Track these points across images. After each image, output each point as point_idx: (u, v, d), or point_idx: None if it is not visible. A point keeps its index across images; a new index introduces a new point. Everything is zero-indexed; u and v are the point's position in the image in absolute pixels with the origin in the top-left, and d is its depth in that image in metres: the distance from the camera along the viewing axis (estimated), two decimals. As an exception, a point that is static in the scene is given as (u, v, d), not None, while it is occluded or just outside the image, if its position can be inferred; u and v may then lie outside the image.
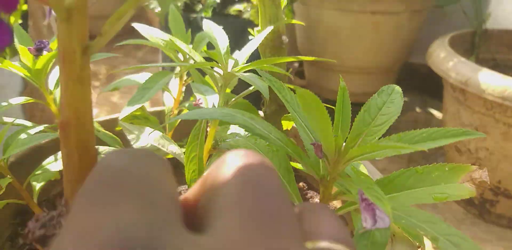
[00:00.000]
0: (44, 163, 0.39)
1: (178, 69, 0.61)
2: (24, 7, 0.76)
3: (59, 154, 0.39)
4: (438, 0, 1.22)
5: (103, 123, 0.60)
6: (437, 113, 1.53)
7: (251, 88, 0.43)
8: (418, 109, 1.56)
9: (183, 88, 0.58)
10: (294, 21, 0.49)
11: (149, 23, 2.21)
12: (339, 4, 1.11)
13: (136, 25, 0.59)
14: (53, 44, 0.46)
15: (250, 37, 0.48)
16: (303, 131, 0.30)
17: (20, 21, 0.78)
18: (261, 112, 0.60)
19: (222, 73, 0.41)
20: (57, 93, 0.49)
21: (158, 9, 0.85)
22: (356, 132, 0.30)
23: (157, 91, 0.49)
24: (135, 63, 1.87)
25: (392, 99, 0.33)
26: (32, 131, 0.41)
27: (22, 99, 0.45)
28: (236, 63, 0.42)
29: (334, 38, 1.17)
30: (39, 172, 0.38)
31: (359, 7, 1.11)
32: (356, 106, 0.39)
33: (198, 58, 0.45)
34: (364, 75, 1.24)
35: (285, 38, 0.47)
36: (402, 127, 1.45)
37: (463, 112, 0.91)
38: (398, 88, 0.34)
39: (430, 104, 1.58)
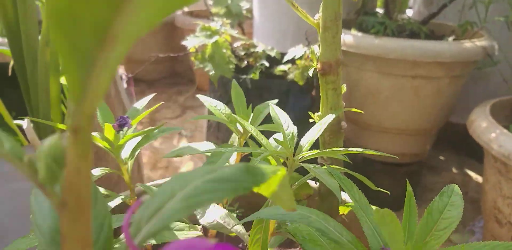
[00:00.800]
0: (121, 236, 0.42)
1: (236, 139, 0.65)
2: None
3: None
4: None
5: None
6: (474, 175, 1.51)
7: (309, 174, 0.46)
8: (454, 170, 1.55)
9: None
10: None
11: (191, 69, 2.32)
12: (380, 68, 1.16)
13: (200, 97, 0.64)
14: (134, 121, 0.51)
15: (310, 120, 0.52)
16: (372, 235, 0.33)
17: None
18: (313, 183, 0.63)
19: (287, 159, 0.44)
20: (130, 164, 0.53)
21: (212, 72, 0.91)
22: (421, 237, 0.33)
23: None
24: (176, 107, 1.95)
25: (452, 202, 0.35)
26: (112, 203, 0.44)
27: (99, 171, 0.49)
28: (299, 149, 0.45)
29: (373, 99, 1.20)
30: (117, 245, 0.41)
31: (400, 71, 1.15)
32: (394, 167, 0.42)
33: (259, 136, 0.49)
34: (403, 136, 1.26)
35: (344, 123, 0.50)
36: (439, 188, 1.44)
37: (504, 184, 0.91)
38: (457, 189, 0.36)
39: (467, 165, 1.57)
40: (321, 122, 0.47)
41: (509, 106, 1.17)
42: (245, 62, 1.11)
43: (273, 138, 0.44)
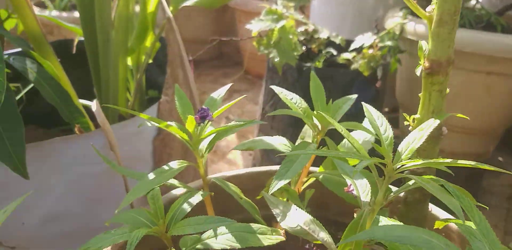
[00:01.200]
0: (203, 236, 0.40)
1: (309, 132, 0.61)
2: (155, 50, 0.80)
3: (218, 229, 0.40)
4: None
5: (230, 180, 0.61)
6: (536, 179, 1.42)
7: (410, 183, 0.42)
8: (514, 172, 1.46)
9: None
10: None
11: (239, 50, 2.28)
12: (451, 61, 1.08)
13: (275, 88, 0.60)
14: (216, 113, 0.48)
15: (405, 123, 0.47)
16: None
17: (150, 61, 0.83)
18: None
19: (386, 167, 0.40)
20: (205, 157, 0.50)
21: (277, 59, 0.87)
22: None
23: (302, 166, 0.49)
24: (223, 90, 1.93)
25: None
26: (193, 200, 0.42)
27: (176, 164, 0.47)
28: (398, 157, 0.41)
29: (440, 95, 1.13)
30: (199, 246, 0.39)
31: (473, 66, 1.07)
32: (455, 168, 0.38)
33: (350, 138, 0.45)
34: (466, 135, 1.18)
35: (445, 129, 0.45)
36: (498, 191, 1.36)
37: None
38: None
39: (527, 168, 1.48)
40: (423, 128, 0.42)
41: None
42: (305, 48, 1.06)
43: (373, 144, 0.40)
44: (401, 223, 0.42)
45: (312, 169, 0.62)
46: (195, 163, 0.49)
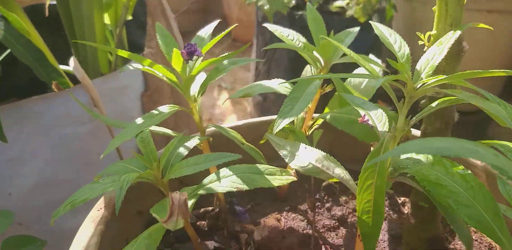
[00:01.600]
0: (205, 181, 0.35)
1: (311, 70, 0.55)
2: (132, 2, 0.74)
3: (221, 171, 0.35)
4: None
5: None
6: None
7: (434, 104, 0.37)
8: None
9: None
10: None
11: (225, 19, 2.19)
12: (450, 2, 1.02)
13: (267, 25, 0.55)
14: (205, 48, 0.42)
15: (419, 42, 0.42)
16: None
17: (130, 18, 0.76)
18: (416, 131, 0.54)
19: (405, 87, 0.35)
20: (199, 102, 0.45)
21: (266, 6, 0.81)
22: None
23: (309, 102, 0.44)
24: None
25: None
26: (189, 144, 0.37)
27: (167, 108, 0.42)
28: (417, 75, 0.36)
29: (441, 39, 1.07)
30: (201, 192, 0.34)
31: (474, 5, 1.01)
32: (461, 115, 0.34)
33: (360, 60, 0.40)
34: (473, 81, 1.13)
35: (465, 44, 0.40)
36: (502, 139, 1.32)
37: None
38: None
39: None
40: (442, 41, 0.37)
41: None
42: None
43: (387, 59, 0.35)
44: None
45: (315, 115, 0.57)
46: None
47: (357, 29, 0.55)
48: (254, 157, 0.43)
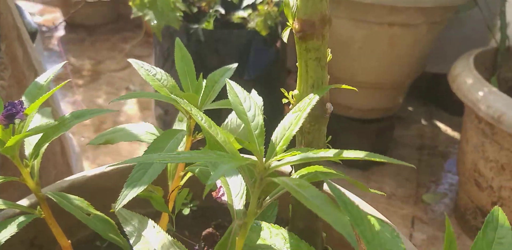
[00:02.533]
0: None
1: (184, 120, 0.50)
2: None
3: None
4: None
5: (91, 181, 0.49)
6: (443, 127, 1.45)
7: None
8: (423, 122, 1.48)
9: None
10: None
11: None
12: (353, 14, 1.01)
13: (132, 62, 0.48)
14: (29, 109, 0.35)
15: (283, 100, 0.38)
16: None
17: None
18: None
19: (256, 166, 0.31)
20: (35, 165, 0.38)
21: (154, 22, 0.74)
22: None
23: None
24: (121, 57, 1.74)
25: (499, 238, 0.24)
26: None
27: (-14, 182, 0.34)
28: (272, 149, 0.32)
29: (345, 51, 1.07)
30: None
31: (375, 18, 1.00)
32: (363, 123, 0.31)
33: (212, 130, 0.35)
34: (375, 90, 1.15)
35: (329, 105, 0.37)
36: (408, 142, 1.37)
37: (488, 147, 0.83)
38: (506, 223, 0.25)
39: (436, 116, 1.50)
40: (300, 108, 0.33)
41: (489, 58, 1.06)
42: (196, 8, 0.92)
43: (236, 138, 0.31)
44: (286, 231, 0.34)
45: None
46: (19, 175, 0.37)
47: (235, 65, 0.50)
48: (100, 232, 0.37)
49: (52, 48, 1.84)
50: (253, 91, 0.53)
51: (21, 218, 0.35)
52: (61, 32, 2.02)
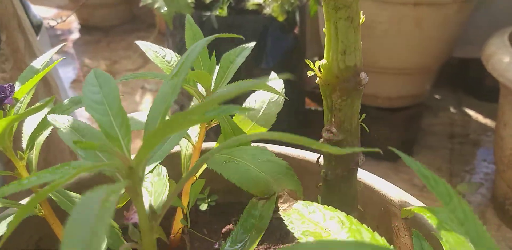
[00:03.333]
0: None
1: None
2: None
3: None
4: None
5: (100, 176, 0.45)
6: (474, 114, 1.37)
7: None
8: (452, 110, 1.40)
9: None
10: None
11: (151, 11, 2.04)
12: (375, -6, 0.95)
13: (140, 43, 0.44)
14: (19, 92, 0.31)
15: (308, 73, 0.33)
16: None
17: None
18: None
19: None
20: (33, 158, 0.34)
21: (164, 9, 0.69)
22: None
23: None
24: (136, 58, 1.71)
25: None
26: None
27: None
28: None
29: (368, 34, 1.00)
30: None
31: (399, -2, 0.94)
32: (391, 112, 0.25)
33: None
34: (400, 76, 1.08)
35: (364, 76, 0.31)
36: (438, 130, 1.30)
37: (532, 129, 0.76)
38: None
39: (465, 103, 1.42)
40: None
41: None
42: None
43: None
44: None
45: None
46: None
47: (252, 44, 0.45)
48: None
49: (67, 51, 1.83)
50: (273, 74, 0.48)
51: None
52: (75, 34, 2.01)
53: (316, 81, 0.33)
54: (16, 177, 0.33)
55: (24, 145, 0.34)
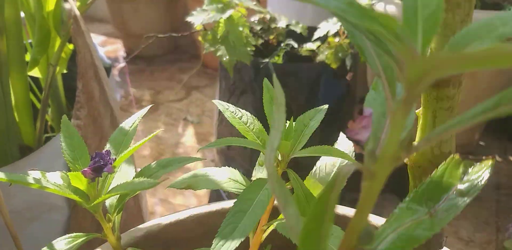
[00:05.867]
0: None
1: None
2: (65, 55, 0.63)
3: None
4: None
5: (166, 230, 0.46)
6: (521, 164, 1.33)
7: None
8: (498, 158, 1.36)
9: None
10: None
11: (195, 42, 2.10)
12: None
13: (217, 103, 0.45)
14: (118, 161, 0.32)
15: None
16: None
17: (64, 71, 0.66)
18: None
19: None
20: (116, 219, 0.35)
21: (226, 57, 0.71)
22: None
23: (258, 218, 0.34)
24: (180, 89, 1.75)
25: None
26: None
27: (64, 243, 0.31)
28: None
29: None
30: None
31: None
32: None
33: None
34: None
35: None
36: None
37: None
38: None
39: (511, 151, 1.38)
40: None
41: None
42: (262, 40, 0.90)
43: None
44: None
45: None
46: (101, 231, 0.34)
47: (325, 107, 0.45)
48: None
49: (114, 79, 1.90)
50: (341, 136, 0.48)
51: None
52: (121, 63, 2.08)
53: (405, 161, 0.32)
54: (103, 238, 0.34)
55: (108, 204, 0.35)
